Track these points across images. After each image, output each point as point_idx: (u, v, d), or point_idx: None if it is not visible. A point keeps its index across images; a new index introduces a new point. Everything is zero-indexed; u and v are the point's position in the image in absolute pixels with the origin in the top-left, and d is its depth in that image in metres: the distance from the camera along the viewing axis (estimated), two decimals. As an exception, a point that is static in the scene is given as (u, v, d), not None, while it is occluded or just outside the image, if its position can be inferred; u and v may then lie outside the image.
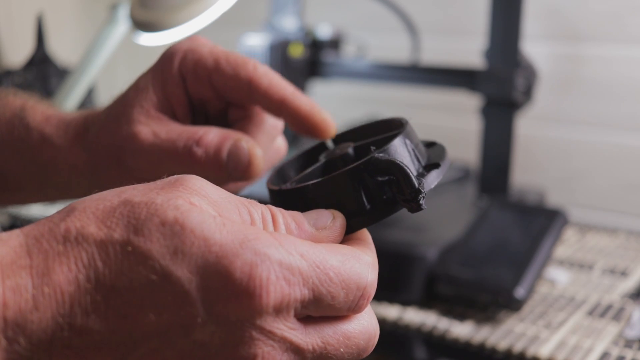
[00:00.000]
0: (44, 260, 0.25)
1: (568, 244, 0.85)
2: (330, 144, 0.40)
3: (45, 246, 0.26)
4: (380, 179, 0.30)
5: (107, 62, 0.95)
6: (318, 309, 0.28)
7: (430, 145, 0.36)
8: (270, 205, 0.30)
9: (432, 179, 0.32)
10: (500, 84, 0.80)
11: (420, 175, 0.31)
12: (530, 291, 0.64)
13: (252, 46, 0.95)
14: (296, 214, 0.30)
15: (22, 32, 1.10)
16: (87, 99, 1.03)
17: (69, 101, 0.91)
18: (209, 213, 0.27)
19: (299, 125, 0.40)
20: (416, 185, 0.30)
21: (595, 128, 0.99)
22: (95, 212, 0.27)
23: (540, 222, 0.72)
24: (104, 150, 0.42)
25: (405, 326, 0.64)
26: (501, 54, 0.80)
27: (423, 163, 0.33)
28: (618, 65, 0.96)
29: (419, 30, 0.98)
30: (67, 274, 0.25)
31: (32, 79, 0.99)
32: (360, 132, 0.39)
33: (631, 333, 0.61)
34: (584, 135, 1.00)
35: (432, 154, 0.34)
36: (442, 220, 0.78)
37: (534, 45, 0.99)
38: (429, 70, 0.89)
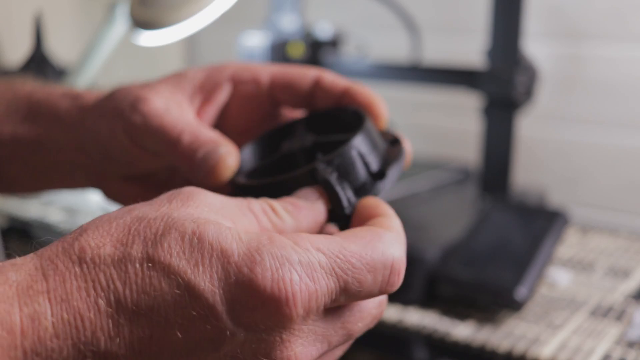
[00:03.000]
0: (62, 283, 0.24)
1: (569, 244, 0.85)
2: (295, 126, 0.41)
3: (60, 267, 0.25)
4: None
5: (106, 62, 0.95)
6: (348, 298, 0.28)
7: (393, 142, 0.36)
8: (262, 198, 0.31)
9: (378, 191, 0.33)
10: (501, 84, 0.79)
11: (361, 187, 0.33)
12: (531, 292, 0.64)
13: (252, 46, 0.94)
14: (286, 198, 0.32)
15: (21, 31, 1.10)
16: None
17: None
18: (224, 225, 0.27)
19: None
20: (345, 211, 0.32)
21: (598, 127, 0.99)
22: (109, 230, 0.26)
23: (541, 222, 0.71)
24: (113, 101, 0.40)
25: (405, 327, 0.63)
26: (502, 53, 0.80)
27: (374, 168, 0.33)
28: (620, 64, 0.96)
29: (419, 29, 0.97)
30: (86, 300, 0.24)
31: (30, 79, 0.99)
32: (322, 119, 0.40)
33: (633, 334, 0.61)
34: (586, 134, 1.00)
35: (391, 155, 0.35)
36: (443, 220, 0.78)
37: (536, 44, 0.99)
38: (429, 69, 0.88)
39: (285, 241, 0.27)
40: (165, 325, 0.25)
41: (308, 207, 0.31)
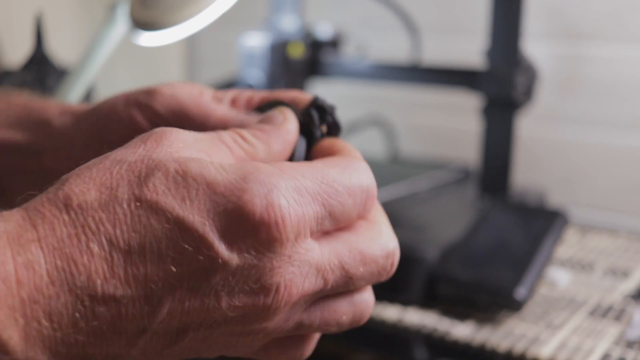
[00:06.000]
0: (52, 231, 0.25)
1: (569, 244, 0.85)
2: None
3: (48, 216, 0.25)
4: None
5: (107, 62, 0.95)
6: (332, 221, 0.29)
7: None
8: (231, 128, 0.32)
9: None
10: (501, 84, 0.79)
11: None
12: (531, 292, 0.64)
13: (252, 47, 0.95)
14: (253, 124, 0.33)
15: (21, 32, 1.10)
16: (87, 100, 1.03)
17: (68, 101, 0.90)
18: (205, 160, 0.27)
19: None
20: (316, 133, 0.35)
21: (597, 128, 0.99)
22: (91, 175, 0.26)
23: (540, 222, 0.72)
24: (116, 98, 0.40)
25: (405, 327, 0.64)
26: (502, 54, 0.80)
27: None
28: (619, 65, 0.96)
29: (419, 29, 0.97)
30: (77, 245, 0.25)
31: (30, 79, 0.99)
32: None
33: (633, 334, 0.61)
34: (586, 135, 1.00)
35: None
36: (443, 220, 0.78)
37: (535, 45, 0.99)
38: (429, 69, 0.89)
39: (271, 169, 0.27)
40: (159, 260, 0.25)
41: (275, 129, 0.33)
